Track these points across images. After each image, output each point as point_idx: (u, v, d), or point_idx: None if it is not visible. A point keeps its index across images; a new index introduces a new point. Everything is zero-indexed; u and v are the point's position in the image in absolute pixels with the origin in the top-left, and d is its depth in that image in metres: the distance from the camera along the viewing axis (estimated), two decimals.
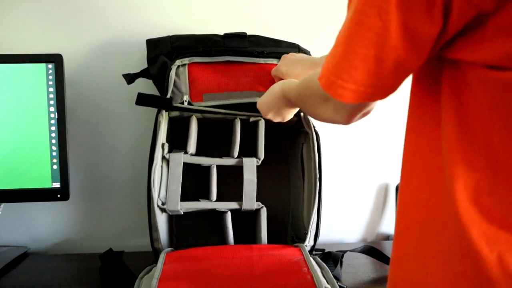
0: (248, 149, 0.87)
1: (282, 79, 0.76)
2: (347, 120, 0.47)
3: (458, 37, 0.33)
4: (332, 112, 0.46)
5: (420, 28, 0.33)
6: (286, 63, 0.77)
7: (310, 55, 0.89)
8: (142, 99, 0.77)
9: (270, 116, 0.75)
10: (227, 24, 0.94)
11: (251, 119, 0.84)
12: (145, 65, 0.88)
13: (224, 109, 0.82)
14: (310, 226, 0.81)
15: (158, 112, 0.81)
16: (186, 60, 0.81)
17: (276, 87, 0.70)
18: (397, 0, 0.32)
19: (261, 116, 0.80)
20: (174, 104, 0.80)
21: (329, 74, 0.39)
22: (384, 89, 0.38)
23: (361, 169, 1.06)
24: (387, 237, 1.10)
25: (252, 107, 0.80)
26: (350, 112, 0.45)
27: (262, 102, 0.74)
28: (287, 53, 0.82)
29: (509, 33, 0.30)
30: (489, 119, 0.33)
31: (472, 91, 0.34)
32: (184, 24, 0.94)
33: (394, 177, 1.08)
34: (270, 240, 0.82)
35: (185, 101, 0.77)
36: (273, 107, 0.72)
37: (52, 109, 0.80)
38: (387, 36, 0.34)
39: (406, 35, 0.33)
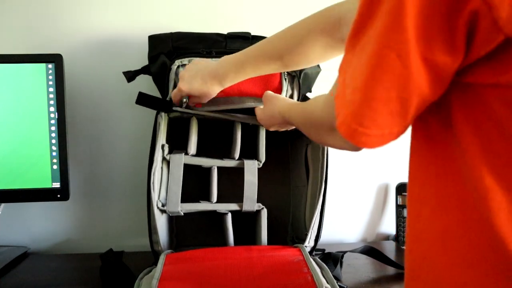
0: (249, 150, 0.87)
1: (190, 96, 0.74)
2: (357, 149, 0.45)
3: (480, 61, 0.31)
4: (342, 142, 0.44)
5: (442, 60, 0.31)
6: (186, 83, 0.72)
7: None
8: (142, 99, 0.77)
9: (274, 129, 0.75)
10: (231, 23, 0.93)
11: (251, 123, 0.84)
12: (145, 64, 0.88)
13: (224, 114, 0.82)
14: (311, 227, 0.81)
15: (158, 113, 0.80)
16: (186, 61, 0.80)
17: (273, 111, 0.69)
18: (416, 36, 0.30)
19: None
20: (174, 108, 0.79)
21: (350, 121, 0.35)
22: (408, 125, 0.36)
23: (361, 169, 1.06)
24: (387, 237, 1.10)
25: (253, 111, 0.80)
26: None
27: (262, 119, 0.74)
28: None
29: None
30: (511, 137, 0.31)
31: (493, 113, 0.32)
32: (186, 21, 0.94)
33: (394, 177, 1.08)
34: (270, 240, 0.82)
35: (184, 102, 0.77)
36: (276, 125, 0.72)
37: (52, 109, 0.80)
38: (409, 76, 0.31)
39: (427, 70, 0.31)
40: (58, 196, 0.81)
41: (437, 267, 0.37)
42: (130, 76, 0.84)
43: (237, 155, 0.82)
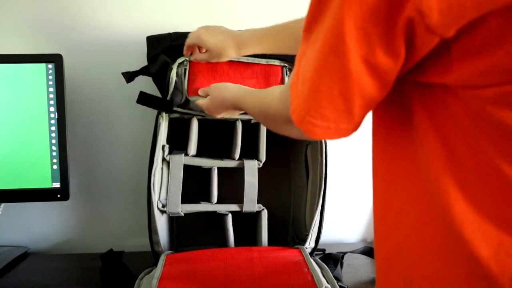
0: (249, 151, 0.87)
1: (199, 48, 0.77)
2: (317, 139, 0.46)
3: (425, 61, 0.32)
4: (299, 132, 0.43)
5: (383, 62, 0.32)
6: (207, 33, 0.74)
7: None
8: (143, 98, 0.77)
9: (221, 116, 0.75)
10: (230, 22, 0.93)
11: (253, 120, 0.84)
12: (145, 64, 0.87)
13: None
14: (312, 228, 0.81)
15: (158, 114, 0.80)
16: (186, 59, 0.80)
17: (224, 98, 0.69)
18: (356, 39, 0.31)
19: None
20: (175, 108, 0.79)
21: (300, 110, 0.37)
22: (357, 123, 0.37)
23: (361, 169, 1.06)
24: None
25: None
26: None
27: (210, 107, 0.73)
28: (292, 57, 0.82)
29: (475, 55, 0.29)
30: (471, 136, 0.32)
31: (450, 110, 0.33)
32: (185, 21, 0.93)
33: None
34: (271, 240, 0.82)
35: (183, 96, 0.77)
36: (224, 112, 0.73)
37: (52, 109, 0.80)
38: (348, 75, 0.33)
39: (369, 71, 0.32)
40: (58, 196, 0.81)
41: (411, 256, 0.38)
42: (129, 77, 0.83)
43: (237, 155, 0.82)
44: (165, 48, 0.82)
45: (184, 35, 0.83)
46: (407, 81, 0.36)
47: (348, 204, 1.07)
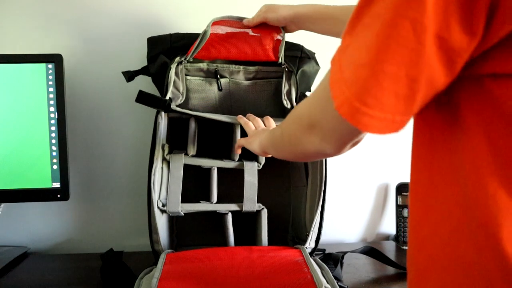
0: (249, 152, 0.87)
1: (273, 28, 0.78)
2: (337, 150, 0.42)
3: (496, 48, 0.30)
4: (319, 140, 0.41)
5: (458, 40, 0.28)
6: (270, 11, 0.77)
7: (314, 57, 0.89)
8: (142, 97, 0.77)
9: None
10: None
11: None
12: (145, 64, 0.88)
13: (221, 116, 0.82)
14: (312, 228, 0.81)
15: (158, 113, 0.80)
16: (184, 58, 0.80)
17: (254, 145, 0.68)
18: (434, 9, 0.28)
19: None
20: (173, 108, 0.79)
21: (352, 100, 0.32)
22: (411, 115, 0.34)
23: (361, 169, 1.06)
24: (387, 237, 1.10)
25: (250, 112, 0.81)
26: (340, 140, 0.40)
27: (247, 140, 0.73)
28: (291, 53, 0.82)
29: None
30: None
31: (503, 109, 0.31)
32: (185, 22, 0.94)
33: (394, 177, 1.08)
34: (271, 240, 0.82)
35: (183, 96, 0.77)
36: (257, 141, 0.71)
37: (52, 109, 0.80)
38: (421, 52, 0.29)
39: (440, 50, 0.29)
40: (58, 196, 0.81)
41: (445, 269, 0.36)
42: (129, 76, 0.84)
43: (236, 156, 0.82)
44: (166, 49, 0.83)
45: (184, 36, 0.83)
46: (457, 79, 0.33)
47: (348, 204, 1.07)
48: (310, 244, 0.82)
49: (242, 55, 0.81)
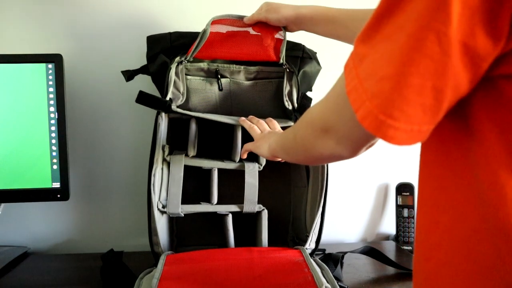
0: (250, 153, 0.87)
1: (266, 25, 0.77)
2: (352, 153, 0.42)
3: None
4: (333, 143, 0.41)
5: (483, 45, 0.28)
6: (270, 11, 0.76)
7: (316, 57, 0.89)
8: (143, 98, 0.77)
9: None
10: None
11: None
12: (144, 64, 0.88)
13: (222, 117, 0.82)
14: (313, 229, 0.81)
15: (158, 114, 0.80)
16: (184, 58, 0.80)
17: (263, 149, 0.67)
18: (459, 19, 0.28)
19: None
20: (174, 109, 0.79)
21: (377, 113, 0.32)
22: (435, 123, 0.33)
23: (361, 169, 1.06)
24: (387, 237, 1.10)
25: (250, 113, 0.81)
26: (355, 144, 0.40)
27: (255, 143, 0.72)
28: (292, 53, 0.82)
29: None
30: None
31: None
32: (184, 20, 0.94)
33: (394, 177, 1.08)
34: (271, 240, 0.82)
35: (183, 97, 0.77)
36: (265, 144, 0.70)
37: (52, 109, 0.80)
38: (447, 63, 0.29)
39: (466, 58, 0.29)
40: (58, 196, 0.81)
41: (456, 278, 0.36)
42: (129, 75, 0.83)
43: (237, 158, 0.82)
44: (165, 48, 0.82)
45: (184, 35, 0.83)
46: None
47: (348, 204, 1.07)
48: (310, 245, 0.82)
49: (243, 55, 0.81)
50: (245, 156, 0.78)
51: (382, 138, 0.33)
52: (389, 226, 1.10)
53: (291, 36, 0.84)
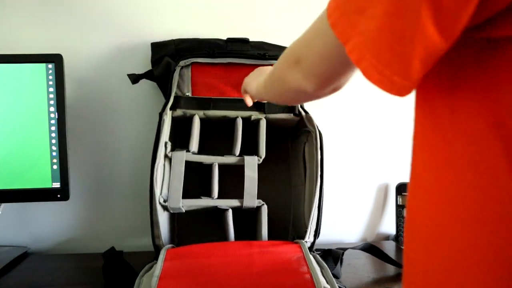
0: (250, 148, 0.87)
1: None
2: (316, 90, 0.43)
3: (506, 12, 0.29)
4: (300, 76, 0.43)
5: (454, 3, 0.28)
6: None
7: None
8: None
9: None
10: (230, 30, 0.94)
11: (253, 117, 0.85)
12: (148, 67, 0.88)
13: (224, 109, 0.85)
14: (310, 222, 0.81)
15: (162, 111, 0.81)
16: (189, 61, 0.82)
17: (252, 86, 0.68)
18: None
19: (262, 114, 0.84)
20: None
21: (361, 47, 0.34)
22: (414, 81, 0.33)
23: (361, 169, 1.06)
24: (387, 237, 1.10)
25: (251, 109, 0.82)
26: (319, 80, 0.42)
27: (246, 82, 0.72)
28: None
29: None
30: None
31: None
32: (187, 28, 0.94)
33: (394, 177, 1.08)
34: (271, 239, 0.82)
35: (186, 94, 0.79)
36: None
37: (52, 109, 0.80)
38: (417, 10, 0.29)
39: (434, 12, 0.29)
40: (58, 196, 0.81)
41: (447, 235, 0.35)
42: (134, 78, 0.87)
43: (237, 151, 0.83)
44: (170, 51, 0.86)
45: (186, 41, 0.86)
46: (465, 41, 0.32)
47: (348, 204, 1.07)
48: (309, 237, 0.82)
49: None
50: (249, 101, 0.75)
51: (361, 71, 0.34)
52: (389, 226, 1.10)
53: (290, 37, 0.84)
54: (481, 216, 0.32)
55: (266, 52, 0.84)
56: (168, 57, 0.84)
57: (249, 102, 0.75)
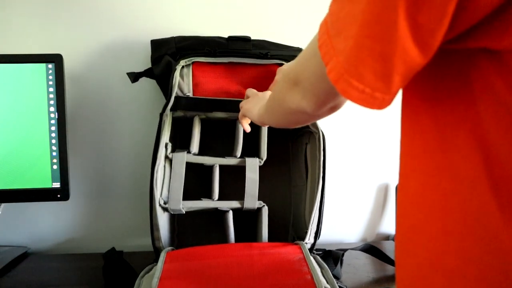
0: (251, 149, 0.87)
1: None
2: (315, 109, 0.44)
3: (477, 25, 0.30)
4: (300, 96, 0.44)
5: (425, 19, 0.29)
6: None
7: None
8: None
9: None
10: (232, 29, 0.94)
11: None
12: (148, 65, 0.88)
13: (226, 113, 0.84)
14: (311, 223, 0.81)
15: (163, 112, 0.81)
16: (190, 61, 0.81)
17: (253, 112, 0.67)
18: None
19: None
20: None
21: (339, 68, 0.34)
22: (393, 94, 0.34)
23: (361, 169, 1.06)
24: (387, 237, 1.10)
25: None
26: (318, 99, 0.43)
27: (246, 106, 0.72)
28: (294, 56, 0.83)
29: None
30: None
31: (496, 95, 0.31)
32: (188, 26, 0.94)
33: (394, 177, 1.08)
34: (271, 240, 0.82)
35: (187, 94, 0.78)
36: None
37: (52, 109, 0.80)
38: (394, 31, 0.30)
39: (412, 30, 0.30)
40: (58, 196, 0.81)
41: (433, 237, 0.36)
42: (134, 77, 0.86)
43: (239, 153, 0.83)
44: (170, 50, 0.84)
45: (187, 39, 0.84)
46: (448, 50, 0.33)
47: (348, 204, 1.07)
48: (309, 239, 0.82)
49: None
50: (247, 127, 0.76)
51: (339, 91, 0.35)
52: (389, 226, 1.10)
53: (291, 35, 0.84)
54: (462, 223, 0.34)
55: (268, 52, 0.84)
56: (168, 55, 0.83)
57: (247, 128, 0.77)
